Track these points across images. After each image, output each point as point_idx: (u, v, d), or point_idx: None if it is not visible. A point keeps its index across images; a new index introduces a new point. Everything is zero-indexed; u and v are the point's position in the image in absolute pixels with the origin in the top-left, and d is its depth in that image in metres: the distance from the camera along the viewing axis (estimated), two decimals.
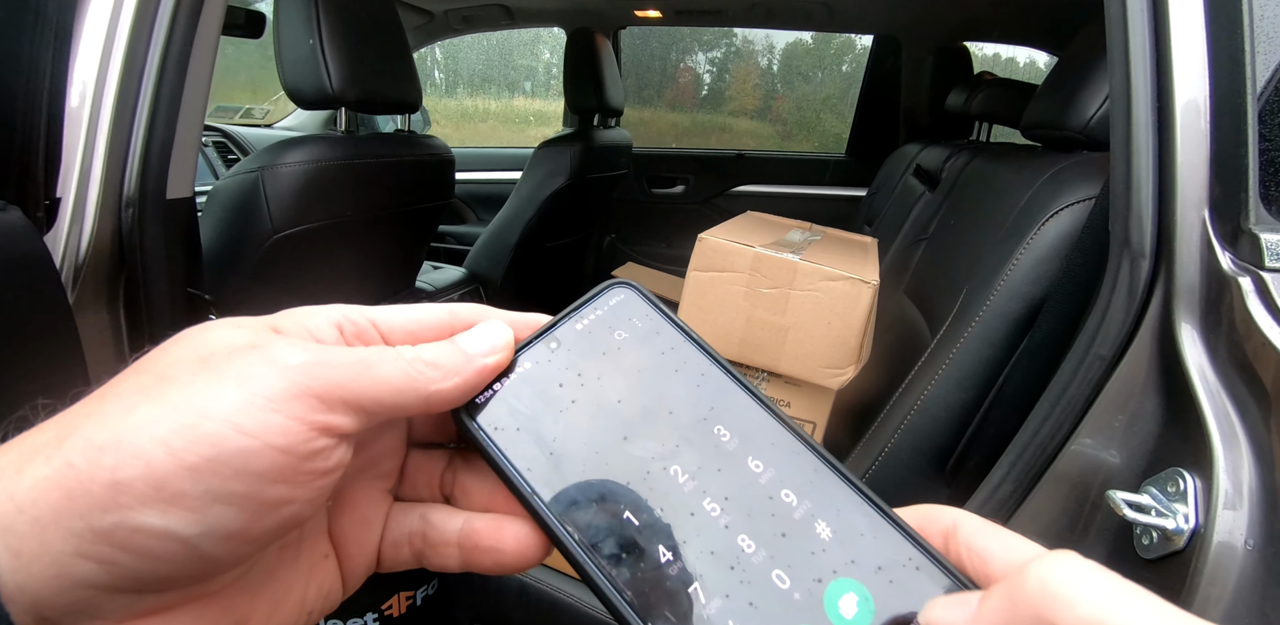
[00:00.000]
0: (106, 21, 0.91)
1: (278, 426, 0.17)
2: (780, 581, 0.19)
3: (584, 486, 0.21)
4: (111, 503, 0.16)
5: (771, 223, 1.22)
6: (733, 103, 5.42)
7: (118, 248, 0.97)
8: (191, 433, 0.16)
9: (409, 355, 0.20)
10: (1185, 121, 0.58)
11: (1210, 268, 0.56)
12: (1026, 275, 0.75)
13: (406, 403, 0.20)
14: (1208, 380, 0.54)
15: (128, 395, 0.17)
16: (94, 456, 0.16)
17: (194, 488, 0.16)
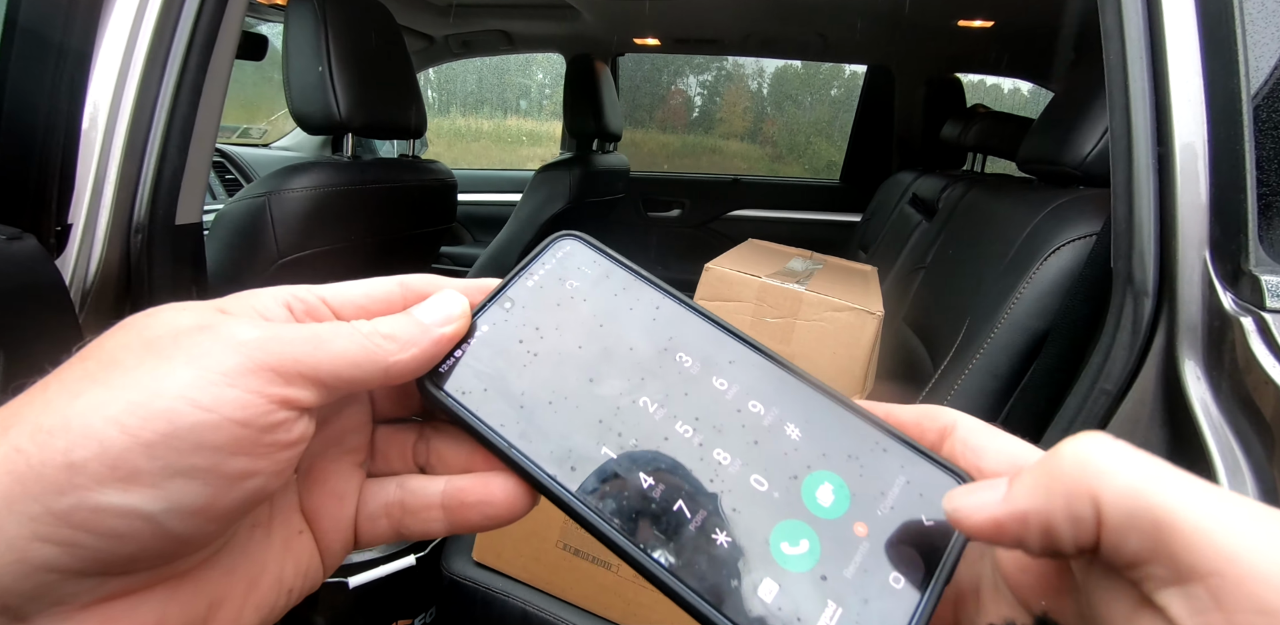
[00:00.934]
0: (122, 49, 0.92)
1: (234, 399, 0.17)
2: (759, 485, 0.20)
3: (558, 432, 0.21)
4: (67, 484, 0.15)
5: (773, 251, 1.23)
6: (724, 125, 5.50)
7: (125, 273, 0.98)
8: (144, 410, 0.16)
9: (365, 329, 0.20)
10: (1184, 164, 0.61)
11: (1212, 307, 0.58)
12: (1030, 309, 0.76)
13: (365, 376, 0.20)
14: (1211, 415, 0.56)
15: (72, 382, 0.17)
16: (43, 440, 0.15)
17: (151, 464, 0.16)
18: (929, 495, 0.20)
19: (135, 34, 0.92)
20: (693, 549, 0.19)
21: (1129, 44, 0.65)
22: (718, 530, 0.19)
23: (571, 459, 0.21)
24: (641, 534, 0.19)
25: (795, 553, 0.19)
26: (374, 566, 1.02)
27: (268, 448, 0.17)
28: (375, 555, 1.02)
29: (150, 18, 0.92)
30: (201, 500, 0.17)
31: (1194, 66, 0.62)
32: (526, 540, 0.97)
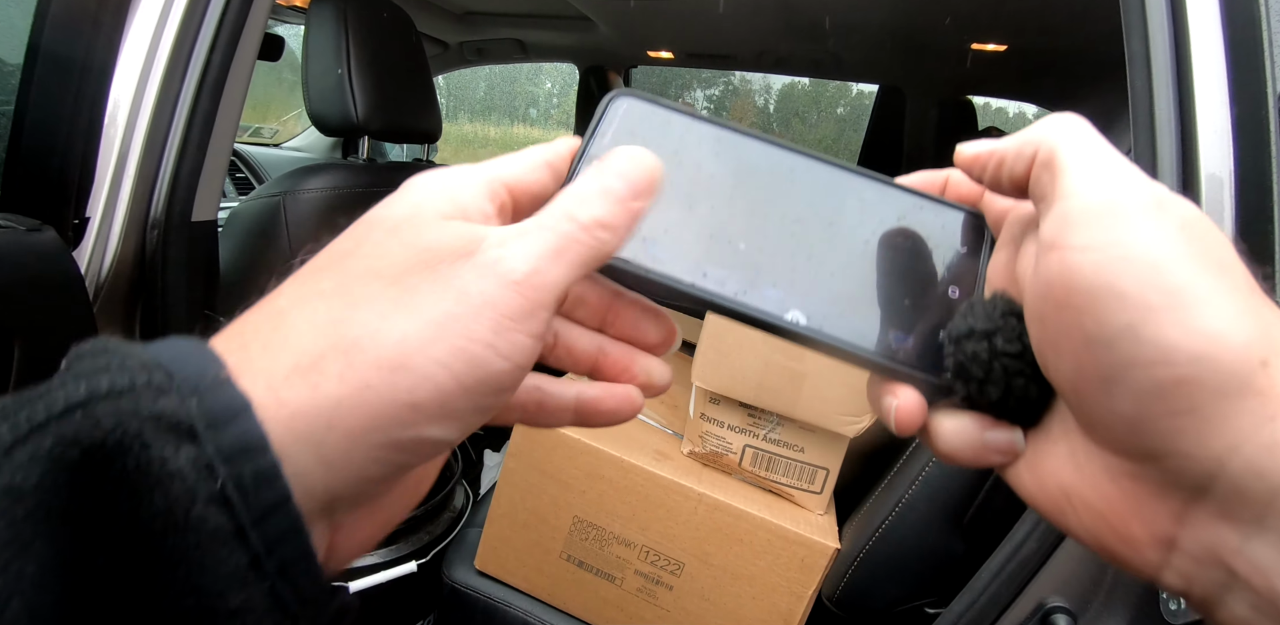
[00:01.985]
0: (146, 46, 0.92)
1: (524, 348, 0.20)
2: (858, 251, 0.26)
3: (699, 255, 0.25)
4: (409, 421, 0.18)
5: None
6: None
7: (139, 268, 0.97)
8: (465, 356, 0.19)
9: (585, 224, 0.21)
10: (1210, 195, 0.61)
11: None
12: None
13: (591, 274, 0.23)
14: None
15: (378, 300, 0.19)
16: (388, 379, 0.18)
17: (466, 405, 0.19)
18: (957, 229, 0.27)
19: (160, 31, 0.93)
20: (838, 311, 0.25)
21: (1155, 71, 0.65)
22: (848, 291, 0.25)
23: (725, 276, 0.25)
24: (812, 309, 0.25)
25: (895, 296, 0.25)
26: (375, 572, 1.01)
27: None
28: (377, 560, 1.01)
29: (175, 16, 0.93)
30: (481, 423, 0.20)
31: (1222, 96, 0.62)
32: (530, 551, 0.96)
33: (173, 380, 0.16)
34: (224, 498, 0.15)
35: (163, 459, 0.15)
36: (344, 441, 0.18)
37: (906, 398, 0.23)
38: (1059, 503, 0.21)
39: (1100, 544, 0.20)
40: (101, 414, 0.15)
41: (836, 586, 0.82)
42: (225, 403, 0.16)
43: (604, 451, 0.92)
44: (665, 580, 0.90)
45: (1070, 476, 0.21)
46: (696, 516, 0.89)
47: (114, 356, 0.16)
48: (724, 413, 0.97)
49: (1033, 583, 0.63)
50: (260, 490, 0.16)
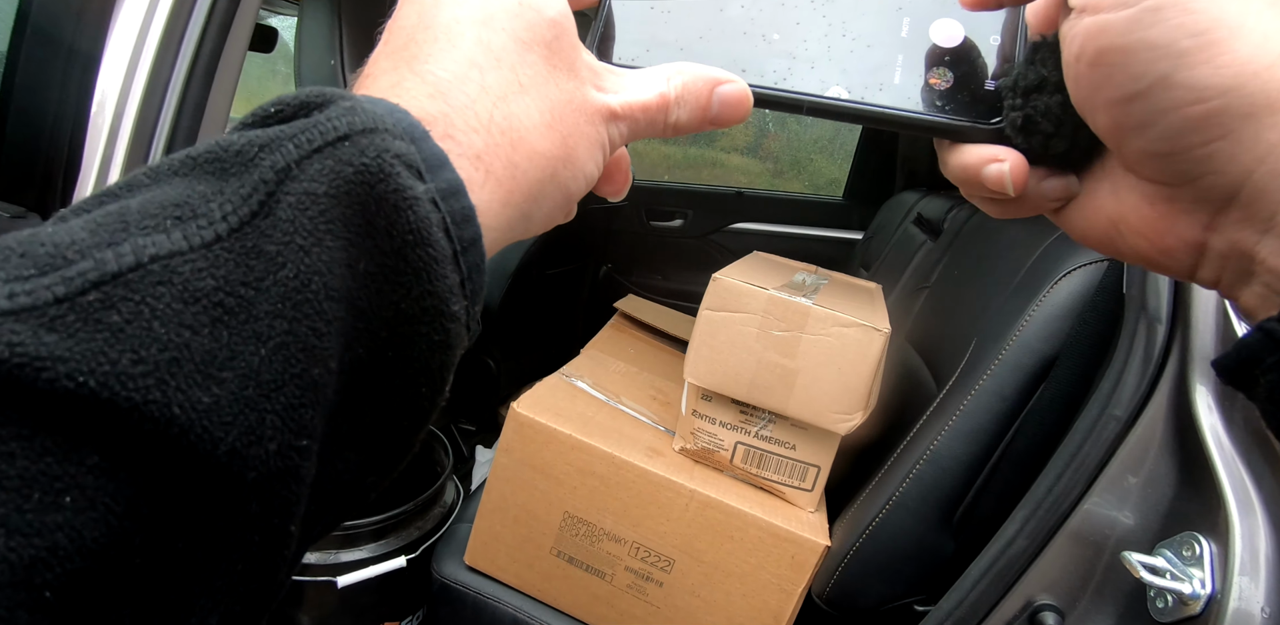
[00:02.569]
0: (136, 34, 0.91)
1: (600, 168, 0.25)
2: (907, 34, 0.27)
3: (734, 54, 0.26)
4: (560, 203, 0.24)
5: (779, 264, 1.23)
6: (725, 138, 5.53)
7: None
8: (582, 180, 0.24)
9: (668, 127, 0.25)
10: None
11: (1227, 337, 0.58)
12: (1039, 332, 0.76)
13: None
14: (1223, 447, 0.56)
15: (505, 84, 0.22)
16: (524, 175, 0.22)
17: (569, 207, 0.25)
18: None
19: (150, 18, 0.91)
20: (878, 79, 0.26)
21: None
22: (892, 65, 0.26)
23: (768, 66, 0.26)
24: (852, 82, 0.26)
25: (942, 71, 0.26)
26: (363, 566, 1.00)
27: None
28: (366, 555, 1.01)
29: (165, 3, 0.92)
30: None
31: None
32: (520, 547, 0.96)
33: (399, 127, 0.19)
34: (446, 226, 0.19)
35: (409, 187, 0.18)
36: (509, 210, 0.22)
37: (1014, 158, 0.24)
38: (1107, 232, 0.24)
39: (1144, 257, 0.23)
40: (364, 145, 0.18)
41: (826, 584, 0.82)
42: (432, 152, 0.19)
43: (595, 447, 0.92)
44: (656, 577, 0.90)
45: (1114, 207, 0.23)
46: (688, 513, 0.88)
47: (352, 101, 0.19)
48: (716, 409, 0.97)
49: (1021, 581, 0.63)
50: (464, 226, 0.19)
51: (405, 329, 0.18)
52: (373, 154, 0.17)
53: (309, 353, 0.16)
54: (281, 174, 0.17)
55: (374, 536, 1.03)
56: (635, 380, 1.22)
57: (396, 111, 0.19)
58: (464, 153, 0.20)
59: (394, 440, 0.20)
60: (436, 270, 0.18)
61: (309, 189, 0.17)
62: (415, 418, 0.20)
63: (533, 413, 0.95)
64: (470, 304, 0.20)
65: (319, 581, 0.99)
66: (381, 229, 0.18)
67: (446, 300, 0.19)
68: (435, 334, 0.19)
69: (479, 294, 0.20)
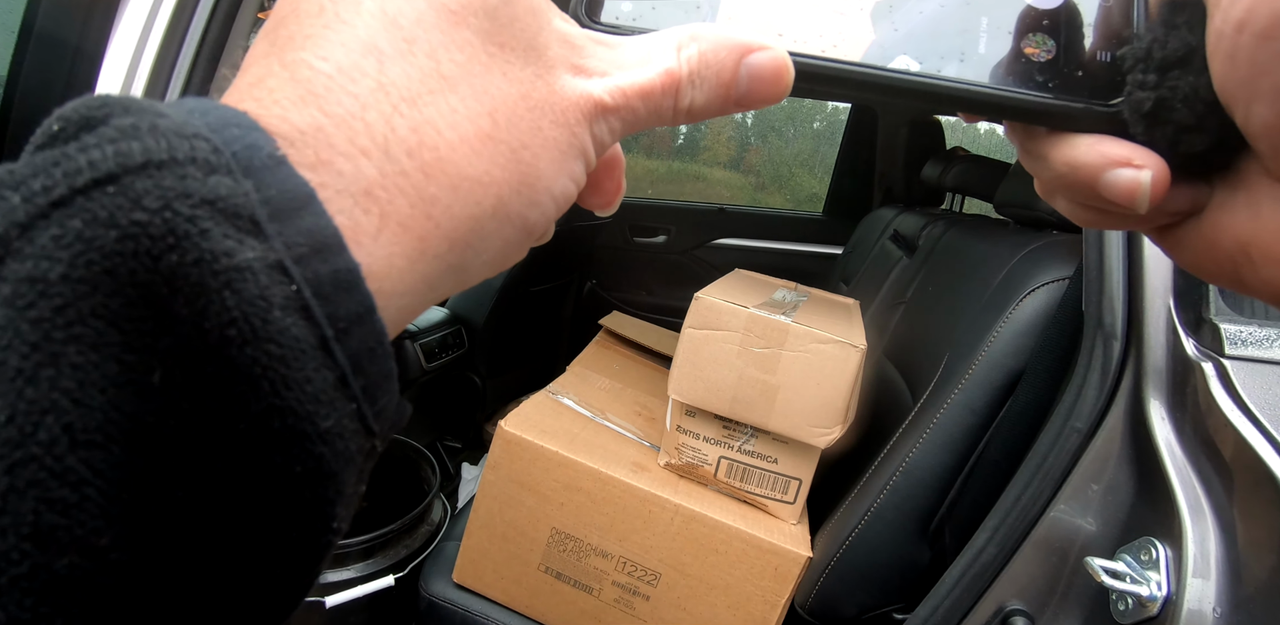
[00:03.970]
0: (143, 21, 0.90)
1: (582, 175, 0.18)
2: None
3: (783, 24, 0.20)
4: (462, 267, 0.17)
5: (760, 281, 1.27)
6: (707, 152, 5.59)
7: None
8: (546, 194, 0.17)
9: (679, 114, 0.19)
10: None
11: (1176, 352, 0.62)
12: (1006, 347, 0.80)
13: None
14: (1175, 455, 0.59)
15: (426, 91, 0.16)
16: (445, 213, 0.16)
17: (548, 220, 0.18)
18: None
19: (156, 6, 0.90)
20: (957, 47, 0.20)
21: None
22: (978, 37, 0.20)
23: (814, 34, 0.20)
24: (925, 52, 0.20)
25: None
26: (352, 586, 1.01)
27: None
28: (353, 575, 1.02)
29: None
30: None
31: None
32: (508, 563, 0.97)
33: (221, 155, 0.13)
34: (303, 304, 0.13)
35: (227, 252, 0.12)
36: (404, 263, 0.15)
37: (1157, 165, 0.18)
38: (1233, 258, 0.18)
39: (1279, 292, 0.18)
40: (141, 191, 0.12)
41: (808, 595, 0.85)
42: (286, 189, 0.13)
43: (581, 463, 0.94)
44: (642, 590, 0.92)
45: (1249, 228, 0.18)
46: (673, 527, 0.90)
47: (138, 116, 0.12)
48: (700, 425, 1.00)
49: (993, 587, 0.66)
50: (340, 297, 0.13)
51: (251, 461, 0.13)
52: (154, 204, 0.11)
53: (43, 539, 0.11)
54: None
55: (362, 555, 1.04)
56: (620, 396, 1.24)
57: (231, 126, 0.13)
58: (345, 188, 0.14)
59: (252, 610, 0.14)
60: (285, 374, 0.12)
61: (34, 273, 0.11)
62: (283, 577, 0.14)
63: (520, 430, 0.97)
64: (368, 405, 0.14)
65: (307, 602, 0.99)
66: (185, 319, 0.12)
67: (310, 416, 0.13)
68: (296, 464, 0.13)
69: (383, 387, 0.15)
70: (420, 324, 1.79)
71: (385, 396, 0.15)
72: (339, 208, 0.14)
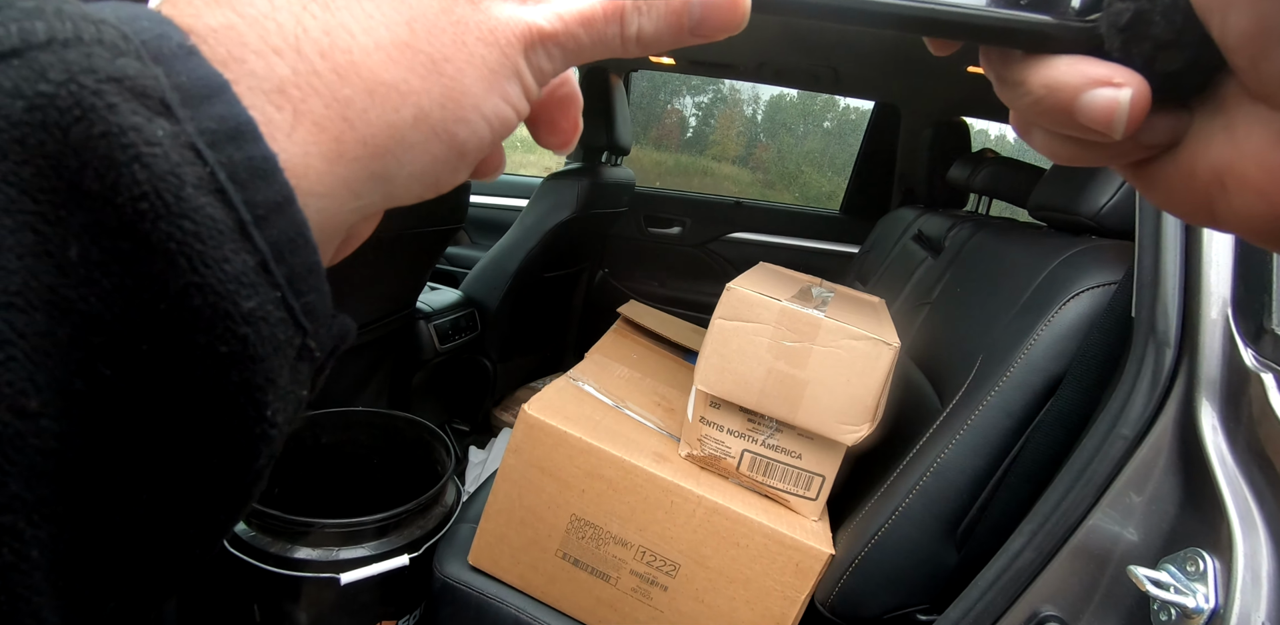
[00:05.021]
0: None
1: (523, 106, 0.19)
2: None
3: None
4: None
5: (785, 275, 1.25)
6: (716, 147, 5.57)
7: None
8: (475, 133, 0.18)
9: (628, 42, 0.19)
10: None
11: (1233, 362, 0.61)
12: (1047, 351, 0.79)
13: None
14: (1227, 467, 0.58)
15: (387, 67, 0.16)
16: (361, 116, 0.16)
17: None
18: None
19: None
20: None
21: None
22: None
23: None
24: None
25: None
26: (366, 564, 1.00)
27: None
28: (366, 553, 1.01)
29: None
30: None
31: None
32: (525, 548, 0.96)
33: (130, 41, 0.13)
34: (218, 187, 0.13)
35: (135, 127, 0.12)
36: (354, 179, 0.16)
37: (1137, 83, 0.17)
38: (1208, 189, 0.18)
39: (1253, 225, 0.17)
40: (45, 64, 0.11)
41: (830, 592, 0.84)
42: (199, 76, 0.13)
43: (605, 451, 0.93)
44: (660, 581, 0.92)
45: (1225, 154, 0.17)
46: (694, 519, 0.90)
47: (41, 0, 0.12)
48: (724, 417, 0.99)
49: (1027, 592, 0.65)
50: (257, 184, 0.13)
51: (175, 339, 0.13)
52: (59, 77, 0.11)
53: None
54: None
55: (376, 534, 1.03)
56: (639, 386, 1.23)
57: (140, 19, 0.13)
58: (257, 85, 0.14)
59: (194, 502, 0.14)
60: (202, 251, 0.12)
61: None
62: (222, 467, 0.14)
63: (543, 415, 0.96)
64: (293, 296, 0.14)
65: (320, 578, 0.99)
66: (97, 194, 0.12)
67: (231, 296, 0.13)
68: (221, 344, 0.13)
69: (309, 281, 0.15)
70: (434, 305, 1.78)
71: (313, 292, 0.15)
72: (251, 103, 0.14)
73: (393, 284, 1.55)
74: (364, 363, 1.59)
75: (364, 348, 1.53)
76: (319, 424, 1.28)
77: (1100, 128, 0.17)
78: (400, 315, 1.62)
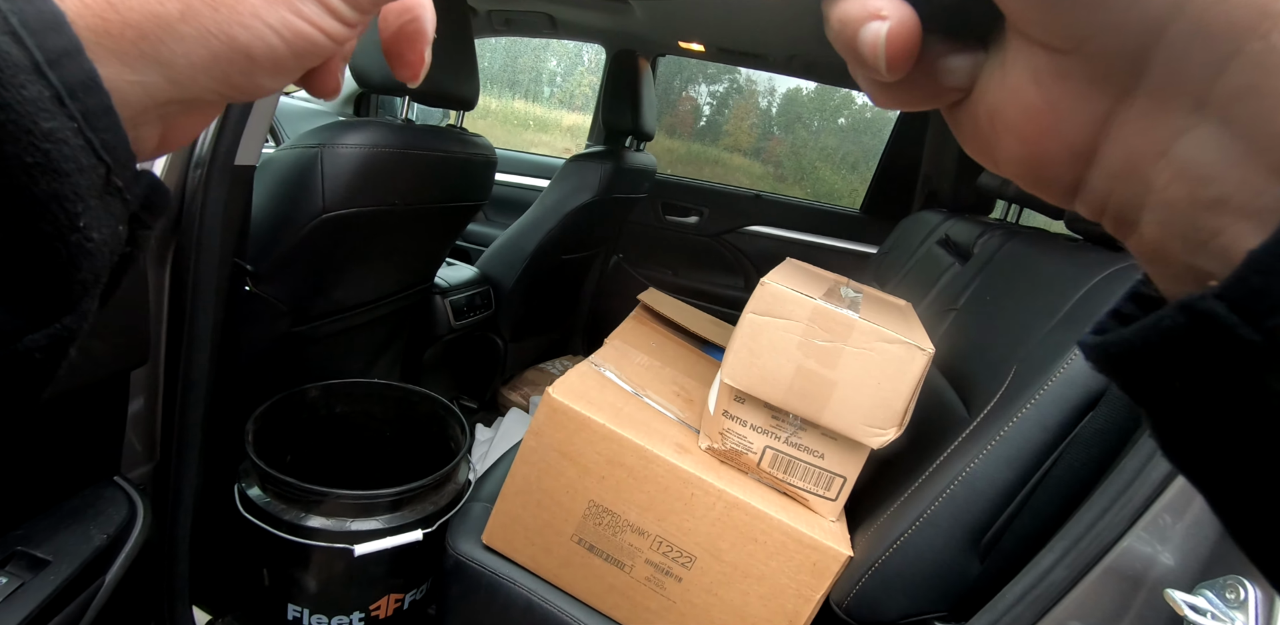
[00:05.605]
0: None
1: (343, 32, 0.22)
2: None
3: None
4: (246, 69, 0.20)
5: (814, 273, 1.24)
6: (728, 138, 5.52)
7: (178, 208, 0.95)
8: (257, 36, 0.20)
9: None
10: None
11: None
12: (1087, 367, 0.78)
13: None
14: None
15: None
16: (124, 3, 0.18)
17: (295, 65, 0.21)
18: None
19: None
20: None
21: None
22: None
23: None
24: None
25: None
26: (377, 536, 1.00)
27: None
28: (380, 526, 1.01)
29: None
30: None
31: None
32: (540, 531, 0.96)
33: None
34: (10, 29, 0.15)
35: None
36: (180, 66, 0.19)
37: (899, 13, 0.16)
38: (988, 133, 0.18)
39: (1019, 171, 0.18)
40: None
41: (847, 594, 0.84)
42: None
43: (628, 439, 0.92)
44: (675, 572, 0.91)
45: (997, 95, 0.17)
46: (713, 512, 0.90)
47: None
48: (748, 412, 0.98)
49: (1056, 608, 0.65)
50: (48, 34, 0.16)
51: None
52: None
53: None
54: None
55: (390, 508, 1.03)
56: (659, 374, 1.23)
57: None
58: None
59: (29, 285, 0.17)
60: (2, 80, 0.15)
61: None
62: (49, 259, 0.17)
63: (568, 399, 0.95)
64: (90, 131, 0.17)
65: (333, 548, 0.99)
66: None
67: (30, 116, 0.15)
68: (25, 155, 0.15)
69: (105, 121, 0.17)
70: (451, 281, 1.77)
71: (109, 131, 0.17)
72: None
73: (413, 257, 1.54)
74: (379, 334, 1.58)
75: (380, 320, 1.52)
76: (333, 393, 1.28)
77: (871, 62, 0.17)
78: (419, 289, 1.61)
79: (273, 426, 1.18)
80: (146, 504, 0.81)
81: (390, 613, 1.10)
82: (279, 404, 1.19)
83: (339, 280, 1.32)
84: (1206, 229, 0.14)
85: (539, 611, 0.94)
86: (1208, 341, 0.13)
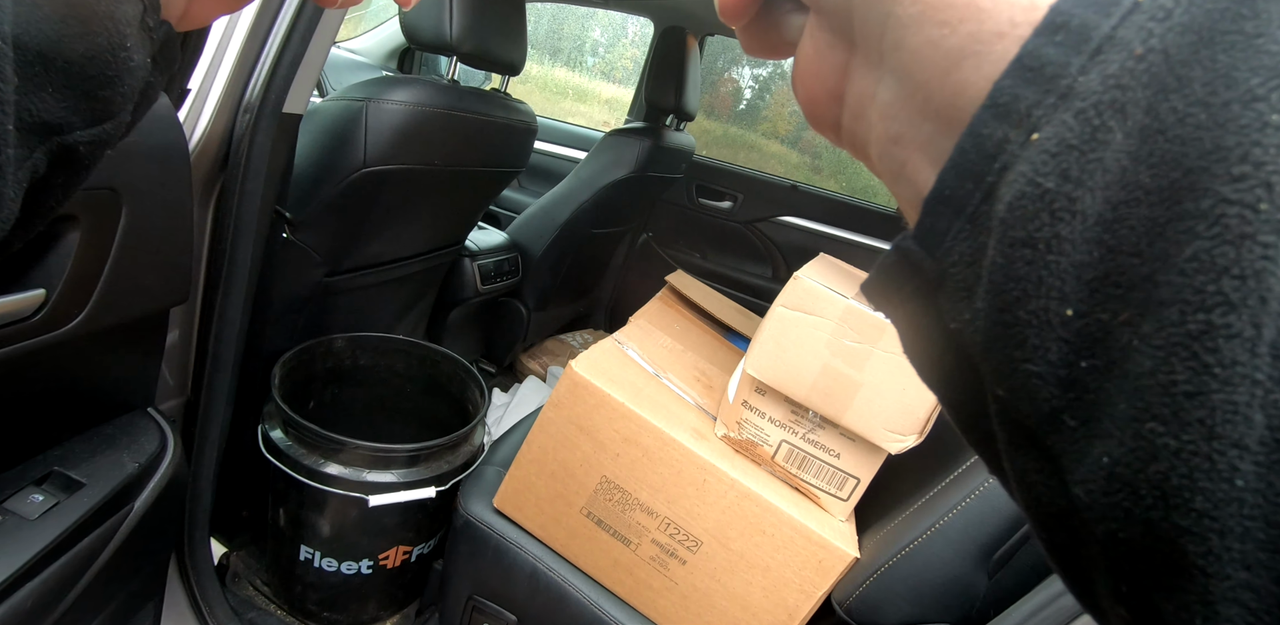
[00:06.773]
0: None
1: None
2: None
3: None
4: None
5: (846, 271, 1.23)
6: (766, 124, 5.44)
7: (224, 151, 0.95)
8: None
9: None
10: None
11: None
12: None
13: None
14: None
15: None
16: None
17: None
18: None
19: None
20: None
21: None
22: None
23: None
24: None
25: None
26: (394, 490, 1.02)
27: None
28: (395, 480, 1.02)
29: None
30: None
31: None
32: (551, 501, 0.97)
33: None
34: None
35: None
36: None
37: None
38: (797, 84, 0.21)
39: (805, 111, 0.21)
40: None
41: (850, 594, 0.85)
42: None
43: (646, 420, 0.93)
44: (680, 554, 0.92)
45: (799, 47, 0.20)
46: (724, 500, 0.90)
47: None
48: (768, 404, 0.98)
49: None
50: None
51: None
52: None
53: None
54: None
55: (406, 463, 1.04)
56: (681, 358, 1.23)
57: None
58: None
59: (87, 79, 0.20)
60: None
61: None
62: (103, 68, 0.20)
63: (589, 374, 0.96)
64: None
65: (349, 496, 1.00)
66: None
67: None
68: None
69: None
70: (481, 245, 1.77)
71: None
72: None
73: (447, 218, 1.54)
74: (407, 292, 1.58)
75: (409, 277, 1.53)
76: (359, 344, 1.29)
77: (716, 7, 0.20)
78: (450, 250, 1.61)
79: (298, 373, 1.19)
80: (176, 436, 0.82)
81: (398, 564, 1.12)
82: (306, 351, 1.20)
83: (374, 235, 1.32)
84: (897, 160, 0.16)
85: (543, 579, 0.96)
86: (908, 272, 0.15)
